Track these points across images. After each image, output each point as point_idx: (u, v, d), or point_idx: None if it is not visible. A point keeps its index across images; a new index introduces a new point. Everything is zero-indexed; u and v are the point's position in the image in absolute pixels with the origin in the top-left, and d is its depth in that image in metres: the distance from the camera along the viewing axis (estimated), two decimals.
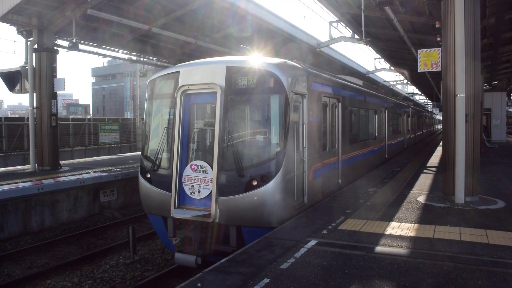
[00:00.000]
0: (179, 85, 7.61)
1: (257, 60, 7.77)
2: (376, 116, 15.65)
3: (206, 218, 7.05)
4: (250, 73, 7.25)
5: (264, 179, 6.87)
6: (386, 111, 17.39)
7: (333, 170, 9.91)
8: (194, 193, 7.26)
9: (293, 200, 7.46)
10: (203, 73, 7.59)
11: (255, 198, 6.88)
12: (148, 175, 7.89)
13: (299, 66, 8.37)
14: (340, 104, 10.48)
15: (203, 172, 7.25)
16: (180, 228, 7.48)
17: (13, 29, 14.07)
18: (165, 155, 7.80)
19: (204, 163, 7.28)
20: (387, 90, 30.97)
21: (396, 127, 20.61)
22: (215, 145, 7.11)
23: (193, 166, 7.36)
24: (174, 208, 7.28)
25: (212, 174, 7.09)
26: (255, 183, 6.87)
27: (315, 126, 8.59)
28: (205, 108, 7.83)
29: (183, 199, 7.38)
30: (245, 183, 6.90)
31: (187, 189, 7.33)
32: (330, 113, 9.83)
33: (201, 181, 7.25)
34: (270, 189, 6.86)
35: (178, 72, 7.82)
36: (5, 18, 12.95)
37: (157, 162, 7.82)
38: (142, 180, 8.01)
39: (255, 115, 7.54)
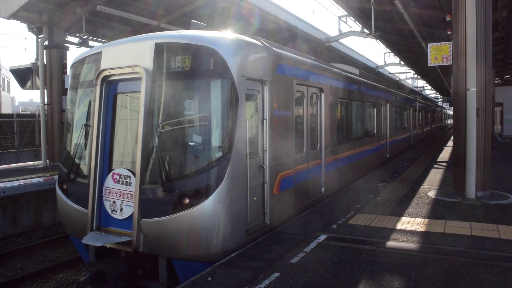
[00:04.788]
0: (100, 69, 6.01)
1: (197, 34, 5.88)
2: (375, 110, 13.84)
3: (125, 246, 5.48)
4: (185, 51, 5.49)
5: (198, 196, 5.17)
6: (388, 104, 15.72)
7: (313, 177, 8.19)
8: (116, 211, 5.67)
9: (244, 223, 5.70)
10: (128, 53, 5.90)
11: (187, 221, 5.19)
12: (65, 186, 6.29)
13: (257, 42, 6.40)
14: (323, 95, 8.66)
15: (126, 183, 5.63)
16: (102, 257, 5.97)
17: (24, 26, 14.25)
18: (83, 161, 6.20)
19: (128, 172, 5.65)
20: (393, 82, 30.60)
21: (400, 122, 18.98)
22: (138, 148, 5.49)
23: (115, 176, 5.76)
24: (92, 230, 5.71)
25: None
26: (186, 201, 5.19)
27: (283, 122, 6.83)
28: (133, 100, 6.08)
29: (105, 219, 5.80)
30: (174, 200, 5.24)
31: (107, 206, 5.76)
32: (309, 106, 8.07)
33: (123, 195, 5.63)
34: (207, 210, 5.16)
35: (101, 52, 6.19)
36: (16, 15, 13.10)
37: (73, 169, 6.21)
38: (58, 192, 6.38)
39: (190, 107, 5.70)
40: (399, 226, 6.44)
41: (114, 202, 5.70)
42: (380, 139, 14.61)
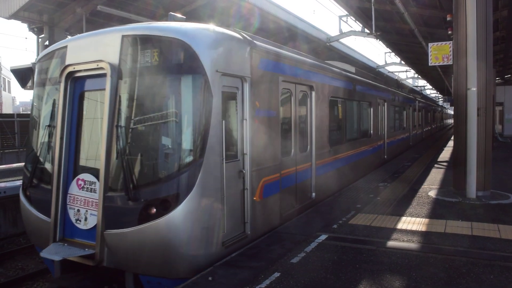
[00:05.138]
0: (65, 64, 5.51)
1: (167, 25, 5.36)
2: (372, 109, 13.17)
3: (87, 260, 4.97)
4: (153, 44, 5.02)
5: (166, 205, 4.70)
6: (386, 104, 15.17)
7: (302, 181, 7.66)
8: (80, 220, 5.17)
9: (220, 234, 5.17)
10: (94, 47, 5.39)
11: (154, 233, 4.69)
12: (28, 192, 5.82)
13: (236, 35, 5.82)
14: (313, 93, 8.08)
15: (90, 190, 5.14)
16: (71, 270, 5.43)
17: (24, 26, 14.27)
18: (47, 165, 5.71)
19: (93, 178, 5.15)
20: (393, 82, 30.49)
21: (399, 122, 18.45)
22: (102, 152, 5.02)
23: (79, 182, 5.27)
24: (55, 241, 5.23)
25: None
26: (153, 210, 4.71)
27: (267, 123, 6.29)
28: (100, 98, 5.47)
29: (70, 229, 5.28)
30: (140, 210, 4.76)
31: (72, 214, 5.25)
32: (297, 105, 7.52)
33: (88, 203, 5.14)
34: (176, 220, 4.67)
35: (66, 47, 5.68)
36: (17, 15, 13.12)
37: (37, 174, 5.73)
38: (22, 199, 5.89)
39: (159, 107, 5.12)
40: (400, 226, 6.43)
41: (78, 210, 5.21)
42: (377, 140, 14.05)
